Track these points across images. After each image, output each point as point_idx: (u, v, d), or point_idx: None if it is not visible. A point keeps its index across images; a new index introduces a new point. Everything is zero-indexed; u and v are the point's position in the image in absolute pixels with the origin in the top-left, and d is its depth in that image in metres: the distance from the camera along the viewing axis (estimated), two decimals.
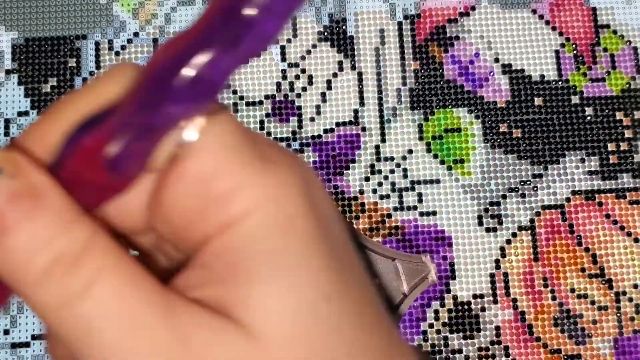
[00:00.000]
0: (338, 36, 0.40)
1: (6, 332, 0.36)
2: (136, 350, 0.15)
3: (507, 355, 0.36)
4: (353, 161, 0.38)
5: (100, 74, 0.18)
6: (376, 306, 0.16)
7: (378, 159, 0.38)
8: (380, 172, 0.38)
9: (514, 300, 0.37)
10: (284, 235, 0.16)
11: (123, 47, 0.39)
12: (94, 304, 0.15)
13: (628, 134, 0.39)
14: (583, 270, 0.38)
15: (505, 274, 0.37)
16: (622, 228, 0.38)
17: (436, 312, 0.37)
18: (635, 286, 0.37)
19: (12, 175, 0.15)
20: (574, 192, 0.38)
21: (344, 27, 0.40)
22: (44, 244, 0.15)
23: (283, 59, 0.39)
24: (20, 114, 0.38)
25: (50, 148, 0.16)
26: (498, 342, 0.36)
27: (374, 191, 0.38)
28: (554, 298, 0.37)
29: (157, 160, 0.16)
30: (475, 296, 0.37)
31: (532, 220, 0.38)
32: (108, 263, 0.16)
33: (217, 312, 0.15)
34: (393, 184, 0.38)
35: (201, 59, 0.15)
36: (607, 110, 0.39)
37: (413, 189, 0.38)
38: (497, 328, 0.37)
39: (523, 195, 0.38)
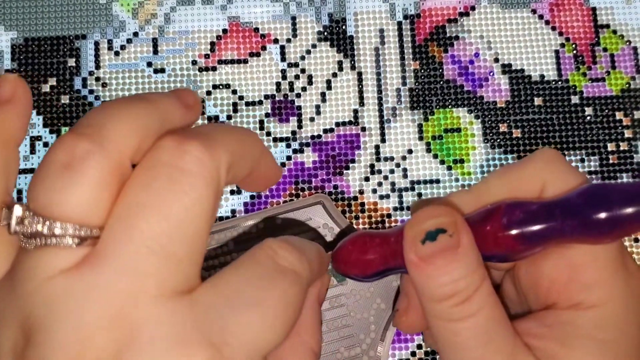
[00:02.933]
0: (338, 36, 0.40)
1: None
2: None
3: None
4: (353, 161, 0.38)
5: (527, 158, 0.24)
6: None
7: (378, 159, 0.38)
8: (380, 172, 0.38)
9: None
10: (619, 331, 0.22)
11: (122, 47, 0.39)
12: (467, 327, 0.22)
13: (628, 134, 0.39)
14: None
15: None
16: None
17: None
18: None
19: (450, 235, 0.22)
20: None
21: (343, 27, 0.40)
22: (451, 281, 0.22)
23: (283, 59, 0.39)
24: None
25: (467, 210, 0.24)
26: None
27: (374, 191, 0.38)
28: None
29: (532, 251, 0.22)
30: None
31: None
32: (486, 304, 0.22)
33: None
34: (393, 184, 0.38)
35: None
36: (607, 110, 0.39)
37: (413, 189, 0.38)
38: None
39: None
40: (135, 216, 0.17)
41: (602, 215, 0.20)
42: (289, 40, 0.40)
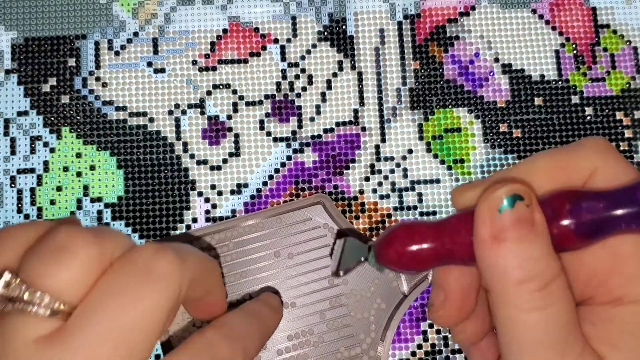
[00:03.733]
0: (338, 36, 0.40)
1: None
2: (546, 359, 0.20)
3: None
4: (353, 161, 0.38)
5: (575, 144, 0.24)
6: None
7: (378, 159, 0.38)
8: (380, 172, 0.38)
9: None
10: None
11: (123, 47, 0.39)
12: (538, 319, 0.20)
13: (628, 134, 0.39)
14: None
15: None
16: None
17: None
18: None
19: (527, 205, 0.21)
20: None
21: (343, 27, 0.40)
22: (525, 261, 0.20)
23: (283, 59, 0.39)
24: (20, 113, 0.38)
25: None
26: None
27: (374, 191, 0.38)
28: None
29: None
30: None
31: None
32: (562, 297, 0.21)
33: None
34: (393, 183, 0.38)
35: None
36: (607, 110, 0.39)
37: (413, 189, 0.38)
38: None
39: None
40: (104, 305, 0.19)
41: None
42: (289, 40, 0.40)
